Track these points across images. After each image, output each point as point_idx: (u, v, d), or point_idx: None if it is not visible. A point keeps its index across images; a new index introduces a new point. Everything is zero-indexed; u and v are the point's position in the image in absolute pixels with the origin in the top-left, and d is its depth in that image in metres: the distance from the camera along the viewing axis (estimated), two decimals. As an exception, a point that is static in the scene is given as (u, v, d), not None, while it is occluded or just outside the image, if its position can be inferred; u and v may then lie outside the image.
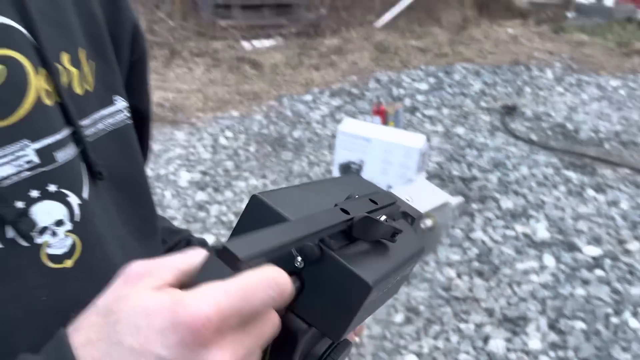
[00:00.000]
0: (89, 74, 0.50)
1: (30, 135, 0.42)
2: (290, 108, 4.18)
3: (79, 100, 0.47)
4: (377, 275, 0.41)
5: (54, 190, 0.43)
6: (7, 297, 0.41)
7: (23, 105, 0.41)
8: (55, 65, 0.44)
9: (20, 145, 0.41)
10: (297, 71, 4.96)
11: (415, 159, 2.87)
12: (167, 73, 4.80)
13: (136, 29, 0.59)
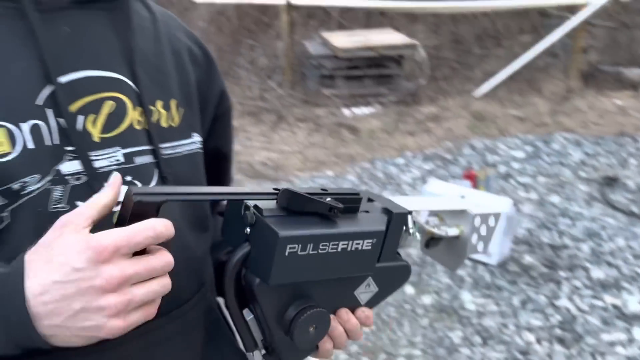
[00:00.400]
0: (176, 116, 0.71)
1: (121, 144, 0.64)
2: (383, 170, 4.36)
3: (162, 131, 0.69)
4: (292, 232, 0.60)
5: (129, 180, 0.65)
6: None
7: (120, 127, 0.64)
8: (149, 107, 0.67)
9: (114, 150, 0.64)
10: (392, 136, 5.16)
11: (501, 224, 2.90)
12: (273, 136, 5.21)
13: (222, 93, 0.82)
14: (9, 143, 0.57)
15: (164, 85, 0.70)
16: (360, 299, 0.73)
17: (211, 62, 0.80)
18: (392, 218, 0.70)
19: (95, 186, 0.61)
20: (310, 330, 0.66)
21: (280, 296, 0.65)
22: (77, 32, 0.63)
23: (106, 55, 0.65)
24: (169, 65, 0.71)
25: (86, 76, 0.62)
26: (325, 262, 0.64)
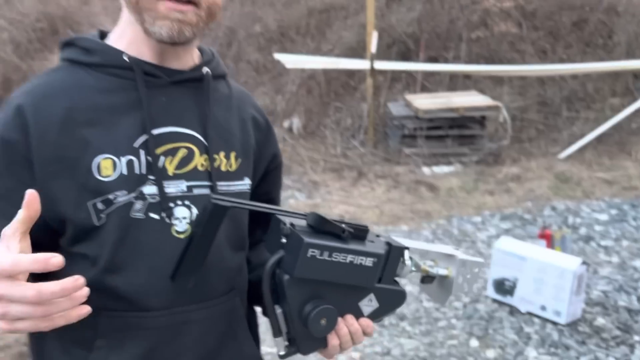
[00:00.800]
0: (234, 163, 0.96)
1: (186, 179, 0.89)
2: (458, 227, 4.41)
3: (220, 173, 0.93)
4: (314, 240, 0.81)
5: (187, 204, 0.88)
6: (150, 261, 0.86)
7: (188, 167, 0.89)
8: (213, 155, 0.92)
9: (181, 182, 0.88)
10: (471, 195, 5.21)
11: (569, 281, 2.88)
12: (353, 191, 5.43)
13: (275, 154, 1.07)
14: (112, 169, 0.84)
15: (228, 141, 0.95)
16: (363, 310, 0.91)
17: (270, 129, 1.06)
18: (392, 249, 0.90)
19: (164, 204, 0.87)
20: (321, 322, 0.85)
21: (302, 294, 0.85)
22: (170, 101, 0.90)
23: (187, 118, 0.91)
24: (235, 128, 0.97)
25: (170, 131, 0.89)
26: (336, 268, 0.84)
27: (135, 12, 0.84)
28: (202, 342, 0.92)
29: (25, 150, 0.82)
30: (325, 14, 7.57)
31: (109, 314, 0.85)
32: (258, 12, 7.45)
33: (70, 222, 0.84)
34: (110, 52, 0.88)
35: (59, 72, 0.89)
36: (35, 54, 8.04)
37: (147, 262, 0.86)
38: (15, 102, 0.84)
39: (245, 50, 7.15)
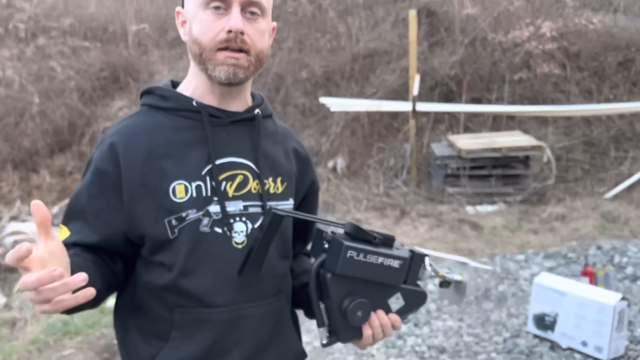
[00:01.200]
0: (280, 187, 1.15)
1: (243, 200, 1.08)
2: (501, 265, 4.43)
3: (269, 195, 1.12)
4: (351, 244, 0.99)
5: (244, 220, 1.07)
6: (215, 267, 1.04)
7: (244, 190, 1.09)
8: (263, 180, 1.11)
9: (238, 202, 1.08)
10: (515, 234, 5.21)
11: (609, 317, 2.88)
12: (395, 229, 5.53)
13: (313, 181, 1.27)
14: (185, 192, 1.06)
15: (275, 169, 1.15)
16: (391, 307, 1.09)
17: (309, 160, 1.26)
18: (414, 255, 1.10)
19: (226, 220, 1.06)
20: (358, 313, 1.04)
21: (341, 290, 1.03)
22: (229, 136, 1.11)
23: (242, 150, 1.11)
24: (280, 157, 1.17)
25: (229, 161, 1.09)
26: (369, 268, 1.03)
27: (200, 63, 1.05)
28: (256, 335, 1.10)
29: (116, 178, 1.04)
30: (369, 59, 7.85)
31: (182, 311, 1.05)
32: (305, 58, 7.80)
33: (148, 237, 1.05)
34: (182, 98, 1.09)
35: (141, 115, 1.11)
36: (98, 101, 8.62)
37: (213, 268, 1.06)
38: (108, 140, 1.07)
39: (293, 95, 7.48)
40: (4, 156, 7.39)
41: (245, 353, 1.09)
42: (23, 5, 9.98)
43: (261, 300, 1.10)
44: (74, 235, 1.05)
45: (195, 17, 1.05)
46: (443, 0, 8.79)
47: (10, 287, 4.07)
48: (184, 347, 1.05)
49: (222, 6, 1.02)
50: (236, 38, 1.01)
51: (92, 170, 1.07)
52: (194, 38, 1.05)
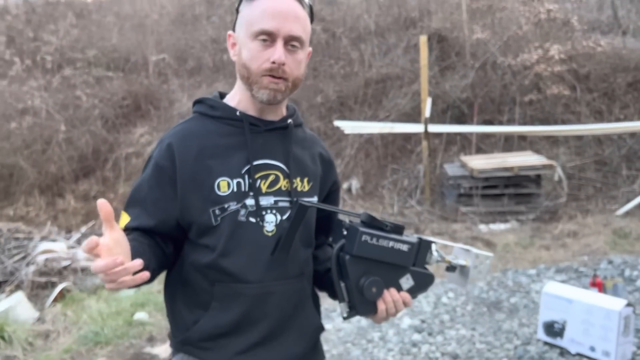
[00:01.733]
0: (307, 185, 1.33)
1: (274, 195, 1.27)
2: (513, 279, 4.54)
3: (297, 192, 1.30)
4: (365, 229, 1.18)
5: (274, 212, 1.26)
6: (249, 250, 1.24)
7: (275, 187, 1.27)
8: (292, 179, 1.29)
9: (270, 197, 1.26)
10: (527, 250, 5.32)
11: (615, 322, 3.00)
12: (410, 247, 5.66)
13: (335, 181, 1.45)
14: (227, 187, 1.24)
15: (302, 170, 1.33)
16: (402, 285, 1.26)
17: (332, 163, 1.45)
18: (422, 241, 1.27)
19: (259, 212, 1.25)
20: (372, 289, 1.21)
21: (358, 270, 1.21)
22: (265, 141, 1.28)
23: (276, 153, 1.29)
24: (308, 161, 1.35)
25: (264, 162, 1.27)
26: (381, 250, 1.21)
27: (246, 84, 1.25)
28: (280, 308, 1.28)
29: (172, 173, 1.23)
30: (381, 83, 8.10)
31: (221, 285, 1.24)
32: (319, 84, 8.07)
33: (195, 223, 1.24)
34: (228, 109, 1.29)
35: (193, 121, 1.31)
36: (120, 128, 8.95)
37: (247, 250, 1.24)
38: (166, 141, 1.26)
39: (308, 119, 7.72)
40: (32, 181, 7.70)
41: (272, 323, 1.27)
42: (50, 38, 10.46)
43: (286, 279, 1.28)
44: (134, 220, 1.24)
45: (245, 44, 1.23)
46: (453, 26, 9.06)
47: (43, 302, 4.27)
48: (221, 315, 1.24)
49: (268, 39, 1.20)
50: (278, 68, 1.20)
51: (152, 166, 1.26)
52: (243, 62, 1.23)
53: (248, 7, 1.24)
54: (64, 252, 4.84)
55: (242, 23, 1.25)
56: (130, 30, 10.95)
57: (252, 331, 1.26)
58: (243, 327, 1.26)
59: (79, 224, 7.05)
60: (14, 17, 11.66)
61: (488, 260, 1.34)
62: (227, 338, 1.25)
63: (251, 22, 1.22)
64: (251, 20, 1.22)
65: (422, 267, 1.26)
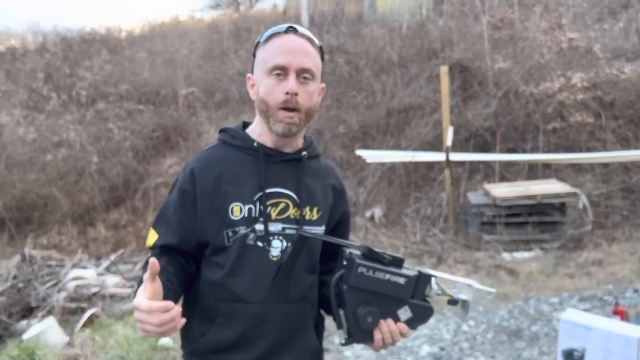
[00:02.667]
0: (316, 215, 1.41)
1: (282, 222, 1.36)
2: (535, 307, 4.51)
3: (305, 220, 1.39)
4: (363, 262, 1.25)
5: (280, 238, 1.35)
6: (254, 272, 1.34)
7: (284, 215, 1.37)
8: (302, 208, 1.38)
9: (278, 224, 1.36)
10: (550, 278, 5.28)
11: (634, 350, 2.97)
12: (432, 275, 5.67)
13: (345, 212, 1.53)
14: (239, 212, 1.34)
15: (313, 200, 1.40)
16: (400, 317, 1.30)
17: (343, 193, 1.52)
18: (421, 275, 1.31)
19: (266, 237, 1.34)
20: (368, 319, 1.26)
21: (356, 300, 1.27)
22: (278, 171, 1.37)
23: (288, 183, 1.38)
24: (318, 191, 1.43)
25: (276, 191, 1.36)
26: (378, 282, 1.26)
27: (264, 117, 1.35)
28: (279, 330, 1.36)
29: (193, 196, 1.35)
30: (403, 113, 8.21)
31: (225, 302, 1.34)
32: (342, 114, 8.23)
33: (211, 242, 1.35)
34: (247, 139, 1.39)
35: (215, 148, 1.43)
36: (150, 159, 9.23)
37: (252, 272, 1.34)
38: (190, 166, 1.38)
39: (331, 149, 7.86)
40: (65, 211, 7.97)
41: (269, 343, 1.35)
42: (85, 74, 10.92)
43: (287, 303, 1.36)
44: (161, 238, 1.37)
45: (261, 82, 1.34)
46: (475, 56, 9.16)
47: (72, 327, 4.41)
48: (224, 331, 1.34)
49: (282, 73, 1.31)
50: (292, 99, 1.30)
51: (178, 189, 1.39)
52: (261, 98, 1.34)
53: (262, 50, 1.37)
54: (93, 279, 5.01)
55: (258, 64, 1.37)
56: (161, 65, 11.37)
57: (251, 349, 1.35)
58: (243, 344, 1.34)
59: (109, 252, 7.25)
60: (52, 55, 12.23)
61: (490, 296, 1.39)
62: (228, 353, 1.35)
63: (265, 60, 1.34)
64: (265, 58, 1.34)
65: (422, 299, 1.30)
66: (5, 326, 4.43)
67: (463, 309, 1.37)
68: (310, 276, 1.42)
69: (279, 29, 1.36)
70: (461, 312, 1.38)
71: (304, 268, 1.39)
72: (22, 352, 3.76)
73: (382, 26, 10.95)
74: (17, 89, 11.15)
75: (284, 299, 1.35)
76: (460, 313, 1.38)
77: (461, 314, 1.38)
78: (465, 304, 1.36)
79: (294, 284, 1.37)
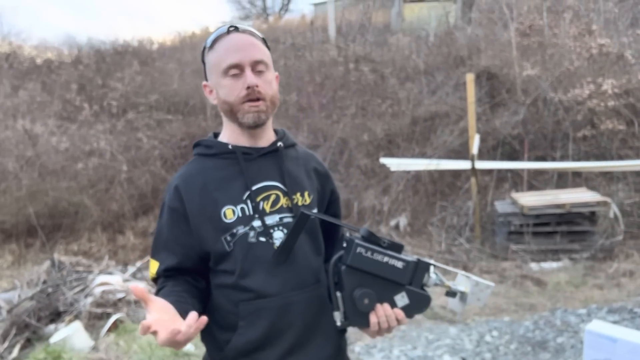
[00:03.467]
0: (308, 199, 1.43)
1: (278, 213, 1.38)
2: (562, 319, 4.40)
3: (298, 207, 1.40)
4: (361, 242, 1.25)
5: (280, 229, 1.36)
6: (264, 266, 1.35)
7: (277, 205, 1.39)
8: (292, 196, 1.40)
9: (275, 216, 1.38)
10: (579, 289, 5.14)
11: (663, 362, 2.87)
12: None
13: (332, 191, 1.55)
14: (233, 214, 1.36)
15: (300, 185, 1.43)
16: (397, 302, 1.31)
17: (327, 174, 1.55)
18: (419, 262, 1.31)
19: (266, 231, 1.35)
20: (365, 300, 1.27)
21: (353, 281, 1.28)
22: (260, 166, 1.40)
23: (271, 175, 1.40)
24: (302, 176, 1.46)
25: (263, 185, 1.38)
26: (376, 264, 1.27)
27: (231, 116, 1.37)
28: (304, 316, 1.38)
29: (183, 211, 1.36)
30: (429, 121, 8.15)
31: (244, 304, 1.35)
32: (367, 123, 8.22)
33: (212, 252, 1.36)
34: (221, 145, 1.41)
35: (193, 163, 1.44)
36: (178, 167, 9.36)
37: (263, 267, 1.35)
38: (173, 184, 1.40)
39: (355, 157, 7.85)
40: (95, 219, 8.15)
41: (297, 332, 1.36)
42: (116, 85, 11.20)
43: (303, 288, 1.37)
44: (162, 264, 1.37)
45: (219, 85, 1.36)
46: (503, 63, 9.05)
47: (98, 332, 4.49)
48: (249, 332, 1.34)
49: (237, 72, 1.33)
50: (254, 91, 1.33)
51: (167, 210, 1.39)
52: (223, 100, 1.36)
53: (211, 54, 1.39)
54: (119, 285, 5.10)
55: (210, 69, 1.39)
56: (190, 76, 11.56)
57: (281, 341, 1.36)
58: (272, 339, 1.36)
59: (137, 259, 7.37)
60: (85, 67, 12.58)
61: (489, 289, 1.38)
62: (260, 351, 1.36)
63: (218, 63, 1.36)
64: (217, 61, 1.36)
65: (419, 287, 1.31)
66: (34, 330, 4.53)
67: (461, 301, 1.37)
68: (318, 258, 1.44)
69: (221, 31, 1.38)
70: (459, 304, 1.38)
71: (310, 250, 1.41)
72: (48, 355, 3.84)
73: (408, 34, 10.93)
74: (52, 99, 11.50)
75: (300, 285, 1.37)
76: (457, 305, 1.38)
77: (458, 305, 1.38)
78: (464, 295, 1.36)
79: (305, 268, 1.39)
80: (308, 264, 1.39)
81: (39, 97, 11.42)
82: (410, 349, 3.99)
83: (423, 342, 4.10)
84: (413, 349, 3.98)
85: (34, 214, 7.73)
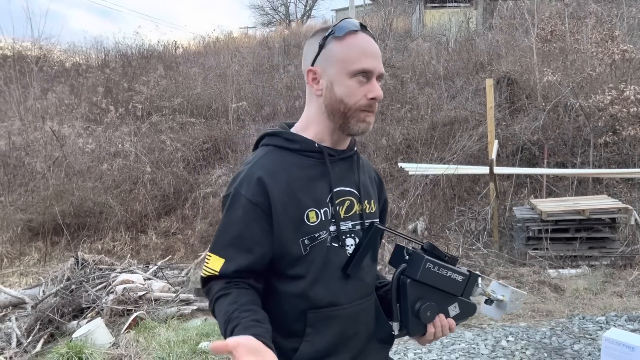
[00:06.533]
0: (374, 207, 1.44)
1: (351, 220, 1.36)
2: (579, 325, 4.38)
3: (367, 214, 1.40)
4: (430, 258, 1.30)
5: (352, 235, 1.34)
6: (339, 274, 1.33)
7: (352, 212, 1.36)
8: (364, 203, 1.40)
9: (348, 222, 1.35)
10: (597, 296, 5.11)
11: (677, 369, 2.86)
12: (473, 289, 5.59)
13: (385, 199, 1.56)
14: (316, 217, 1.29)
15: (368, 193, 1.42)
16: (450, 312, 1.36)
17: (382, 183, 1.55)
18: (471, 274, 1.37)
19: (340, 237, 1.32)
20: (428, 313, 1.31)
21: (415, 294, 1.31)
22: (340, 170, 1.36)
23: (349, 180, 1.37)
24: (369, 184, 1.44)
25: (342, 189, 1.34)
26: (440, 278, 1.31)
27: (340, 118, 1.31)
28: (367, 324, 1.39)
29: (267, 207, 1.26)
30: (448, 126, 8.17)
31: (313, 312, 1.29)
32: (386, 127, 8.26)
33: (287, 254, 1.27)
34: (307, 141, 1.34)
35: (272, 154, 1.33)
36: (200, 170, 9.53)
37: (336, 274, 1.31)
38: (255, 175, 1.27)
39: (374, 161, 7.90)
40: (119, 218, 8.33)
41: (362, 339, 1.36)
42: (141, 88, 11.44)
43: (368, 296, 1.38)
44: (230, 262, 1.26)
45: (340, 81, 1.29)
46: (524, 69, 9.02)
47: (119, 329, 4.62)
48: (317, 340, 1.29)
49: (365, 79, 1.28)
50: (375, 103, 1.31)
51: (245, 203, 1.27)
52: (339, 98, 1.29)
53: (338, 45, 1.29)
54: (140, 283, 5.22)
55: (333, 60, 1.30)
56: (213, 80, 11.76)
57: (347, 350, 1.34)
58: (340, 347, 1.33)
59: (159, 258, 7.53)
60: (112, 70, 12.87)
61: (522, 297, 1.44)
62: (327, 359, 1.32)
63: (347, 61, 1.28)
64: (347, 59, 1.28)
65: (468, 297, 1.36)
66: (58, 325, 4.67)
67: (498, 308, 1.43)
68: (374, 265, 1.45)
69: (353, 25, 1.30)
70: (496, 311, 1.44)
71: (371, 259, 1.41)
72: (70, 350, 3.96)
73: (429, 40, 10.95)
74: (79, 102, 11.80)
75: (365, 293, 1.37)
76: (495, 312, 1.45)
77: (495, 312, 1.44)
78: (502, 303, 1.42)
79: (369, 276, 1.39)
80: (371, 273, 1.39)
81: (67, 100, 11.72)
82: (425, 352, 4.02)
83: (438, 346, 4.13)
84: (428, 352, 4.01)
85: (60, 213, 7.94)
